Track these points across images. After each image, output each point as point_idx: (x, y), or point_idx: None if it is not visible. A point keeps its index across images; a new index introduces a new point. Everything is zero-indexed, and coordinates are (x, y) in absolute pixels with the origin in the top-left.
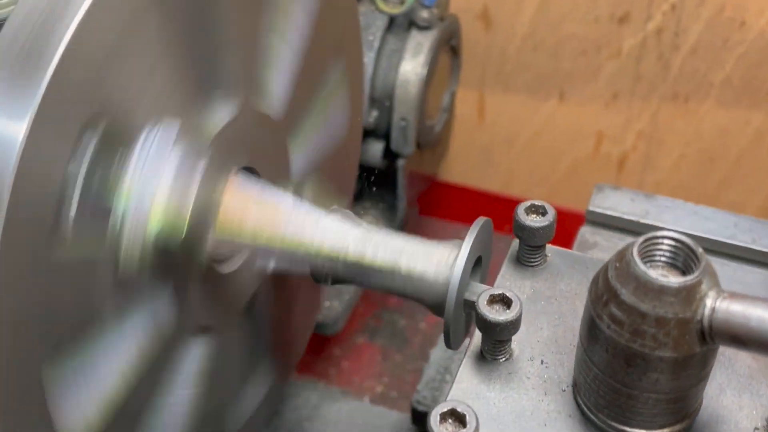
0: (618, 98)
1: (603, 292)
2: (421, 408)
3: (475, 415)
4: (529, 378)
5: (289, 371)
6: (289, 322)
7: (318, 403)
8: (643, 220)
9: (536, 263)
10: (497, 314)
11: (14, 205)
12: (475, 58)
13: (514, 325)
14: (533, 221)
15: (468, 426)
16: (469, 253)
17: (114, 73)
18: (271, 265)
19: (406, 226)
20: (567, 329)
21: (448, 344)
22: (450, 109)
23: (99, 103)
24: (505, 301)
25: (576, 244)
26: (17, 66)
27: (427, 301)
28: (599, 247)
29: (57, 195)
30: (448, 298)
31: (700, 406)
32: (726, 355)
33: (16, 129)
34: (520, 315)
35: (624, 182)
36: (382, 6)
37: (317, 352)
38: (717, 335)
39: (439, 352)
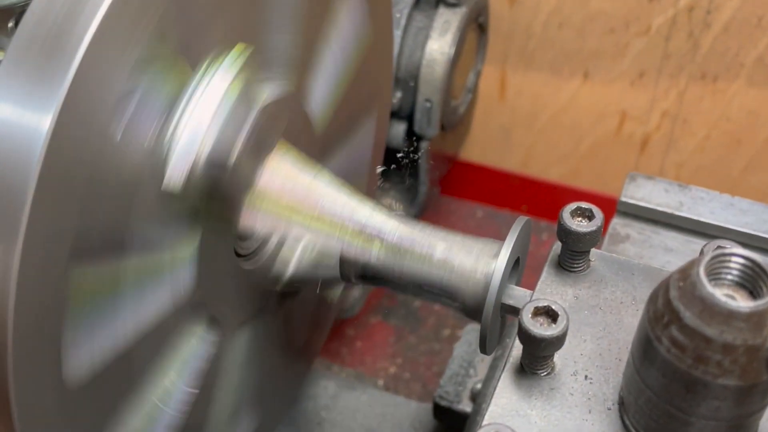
0: (644, 77)
1: (663, 313)
2: (444, 403)
3: None
4: (572, 395)
5: (299, 380)
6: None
7: (336, 392)
8: (677, 212)
9: (579, 269)
10: (542, 329)
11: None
12: (499, 35)
13: (559, 341)
14: (579, 225)
15: None
16: (510, 255)
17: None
18: (296, 260)
19: (427, 206)
20: (612, 342)
21: (483, 350)
22: (474, 90)
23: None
24: (550, 314)
25: (607, 237)
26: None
27: (463, 300)
28: (631, 240)
29: (112, 102)
30: (487, 301)
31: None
32: None
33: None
34: (567, 330)
35: (645, 163)
36: None
37: (330, 332)
38: None
39: (463, 346)
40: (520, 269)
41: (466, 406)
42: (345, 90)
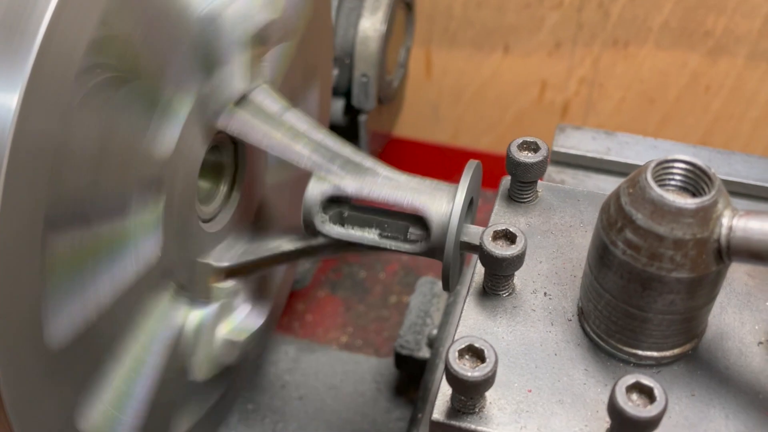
0: (561, 47)
1: (617, 219)
2: (404, 352)
3: (493, 348)
4: (534, 310)
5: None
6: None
7: (296, 356)
8: (606, 157)
9: (528, 199)
10: (503, 250)
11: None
12: (422, 17)
13: (519, 259)
14: (527, 157)
15: (487, 360)
16: (466, 195)
17: None
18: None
19: None
20: (566, 261)
21: (446, 287)
22: (405, 65)
23: None
24: (509, 237)
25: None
26: None
27: (431, 224)
28: (566, 185)
29: (73, 77)
30: (447, 241)
31: (707, 326)
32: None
33: None
34: (525, 249)
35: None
36: None
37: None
38: (735, 253)
39: (418, 297)
40: (473, 210)
41: (425, 353)
42: (288, 64)
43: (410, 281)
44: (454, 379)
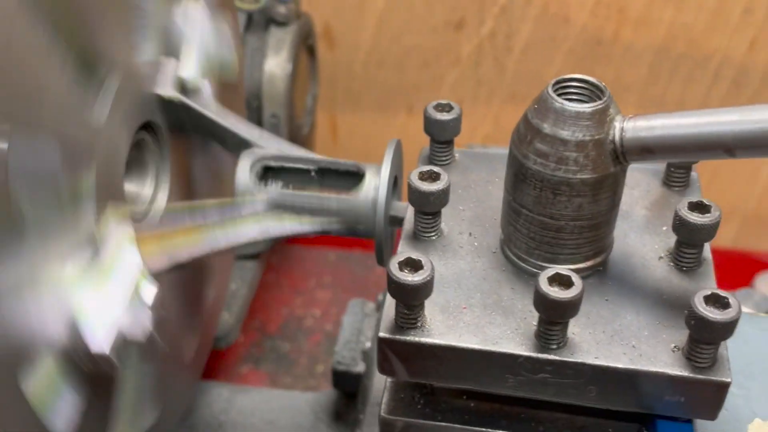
0: (462, 105)
1: (526, 133)
2: (341, 368)
3: (429, 259)
4: (461, 247)
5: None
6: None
7: (230, 396)
8: None
9: (447, 161)
10: (429, 185)
11: None
12: (324, 79)
13: (445, 193)
14: (443, 116)
15: (425, 267)
16: (390, 171)
17: None
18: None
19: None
20: (486, 208)
21: (380, 261)
22: (313, 113)
23: None
24: (433, 176)
25: None
26: None
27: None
28: None
29: None
30: (377, 217)
31: (612, 243)
32: (623, 209)
33: None
34: (449, 184)
35: None
36: (238, 4)
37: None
38: (628, 151)
39: (350, 317)
40: (398, 187)
41: (361, 368)
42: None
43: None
44: (397, 288)
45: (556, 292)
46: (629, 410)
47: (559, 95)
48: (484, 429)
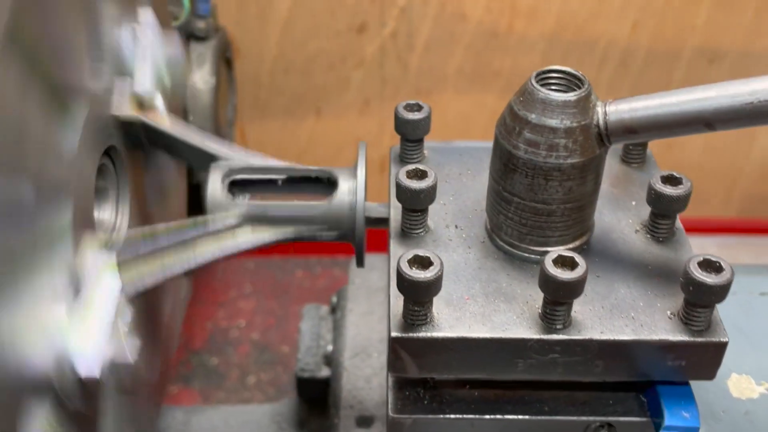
0: (370, 104)
1: (514, 125)
2: (306, 375)
3: (436, 254)
4: (450, 240)
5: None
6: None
7: (186, 418)
8: None
9: (418, 158)
10: (417, 182)
11: None
12: None
13: (433, 190)
14: (414, 115)
15: (434, 263)
16: (365, 176)
17: None
18: None
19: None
20: (466, 200)
21: (360, 263)
22: (234, 123)
23: None
24: (419, 174)
25: None
26: None
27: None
28: None
29: None
30: (357, 220)
31: (594, 224)
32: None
33: None
34: (436, 182)
35: (386, 182)
36: None
37: None
38: (613, 133)
39: (307, 322)
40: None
41: (325, 372)
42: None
43: (266, 359)
44: (408, 285)
45: (563, 274)
46: (632, 380)
47: (542, 85)
48: (491, 416)
